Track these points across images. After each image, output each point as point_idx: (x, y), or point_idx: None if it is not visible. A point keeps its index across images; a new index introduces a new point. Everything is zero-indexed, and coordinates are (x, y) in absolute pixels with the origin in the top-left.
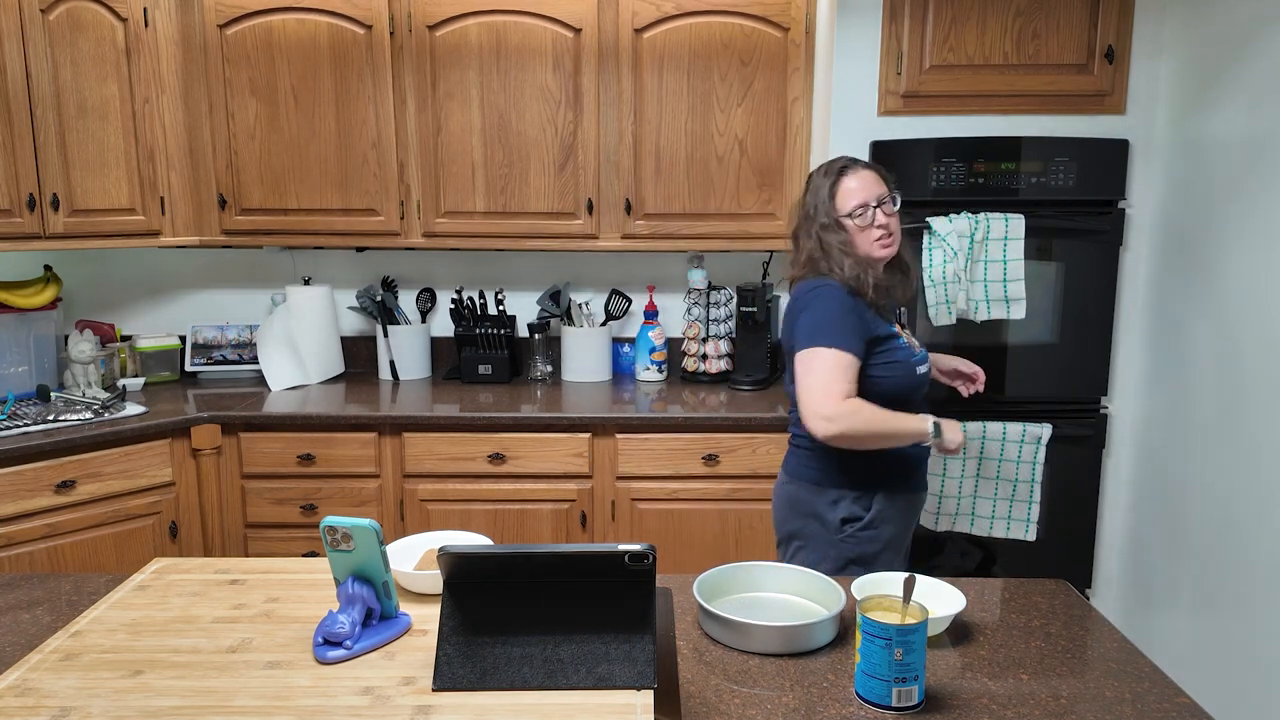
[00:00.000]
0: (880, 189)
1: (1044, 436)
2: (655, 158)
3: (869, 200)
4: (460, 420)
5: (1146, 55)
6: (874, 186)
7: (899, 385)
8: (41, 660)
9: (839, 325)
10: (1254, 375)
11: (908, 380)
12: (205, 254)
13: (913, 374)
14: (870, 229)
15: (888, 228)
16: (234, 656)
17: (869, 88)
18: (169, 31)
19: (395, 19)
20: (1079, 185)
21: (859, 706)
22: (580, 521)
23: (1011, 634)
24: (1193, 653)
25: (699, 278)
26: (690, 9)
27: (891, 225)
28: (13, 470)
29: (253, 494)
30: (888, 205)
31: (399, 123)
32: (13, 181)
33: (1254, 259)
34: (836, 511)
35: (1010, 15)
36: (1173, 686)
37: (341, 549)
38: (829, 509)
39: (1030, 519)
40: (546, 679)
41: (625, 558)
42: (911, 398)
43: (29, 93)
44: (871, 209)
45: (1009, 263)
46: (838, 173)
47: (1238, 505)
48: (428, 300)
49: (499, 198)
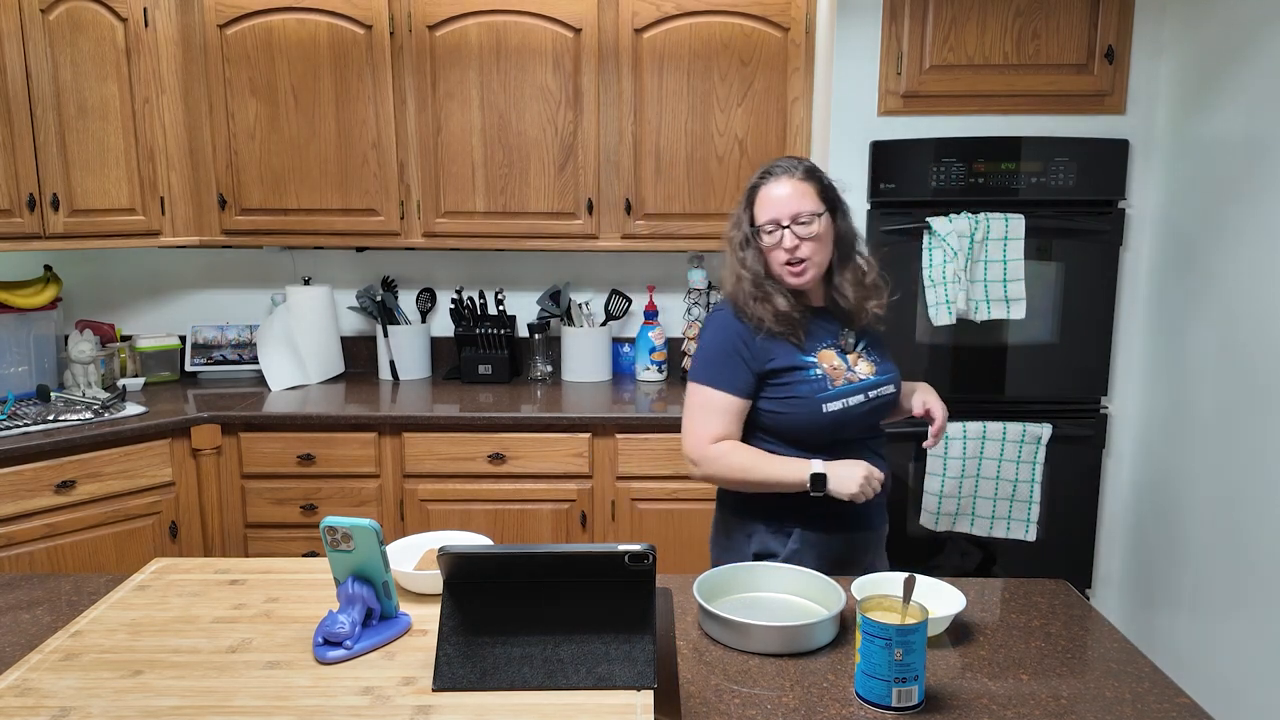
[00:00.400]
0: (802, 205)
1: (1044, 436)
2: (655, 158)
3: (780, 217)
4: (460, 420)
5: (1146, 55)
6: (794, 202)
7: (794, 423)
8: (41, 660)
9: (717, 361)
10: (1254, 375)
11: (809, 419)
12: (205, 254)
13: (817, 412)
14: (777, 250)
15: (795, 251)
16: (234, 656)
17: (869, 88)
18: (169, 31)
19: (395, 19)
20: (1079, 185)
21: (859, 706)
22: (580, 521)
23: (1011, 634)
24: (1193, 653)
25: (699, 278)
26: (690, 9)
27: (804, 250)
28: (13, 470)
29: (253, 494)
30: (805, 226)
31: (399, 123)
32: (13, 181)
33: (1254, 259)
34: (750, 546)
35: (1010, 15)
36: (1173, 686)
37: (341, 549)
38: (745, 542)
39: (1030, 519)
40: (546, 679)
41: (625, 558)
42: (814, 438)
43: (29, 93)
44: (781, 228)
45: (1009, 263)
46: (760, 176)
47: (1238, 505)
48: (428, 300)
49: (499, 198)
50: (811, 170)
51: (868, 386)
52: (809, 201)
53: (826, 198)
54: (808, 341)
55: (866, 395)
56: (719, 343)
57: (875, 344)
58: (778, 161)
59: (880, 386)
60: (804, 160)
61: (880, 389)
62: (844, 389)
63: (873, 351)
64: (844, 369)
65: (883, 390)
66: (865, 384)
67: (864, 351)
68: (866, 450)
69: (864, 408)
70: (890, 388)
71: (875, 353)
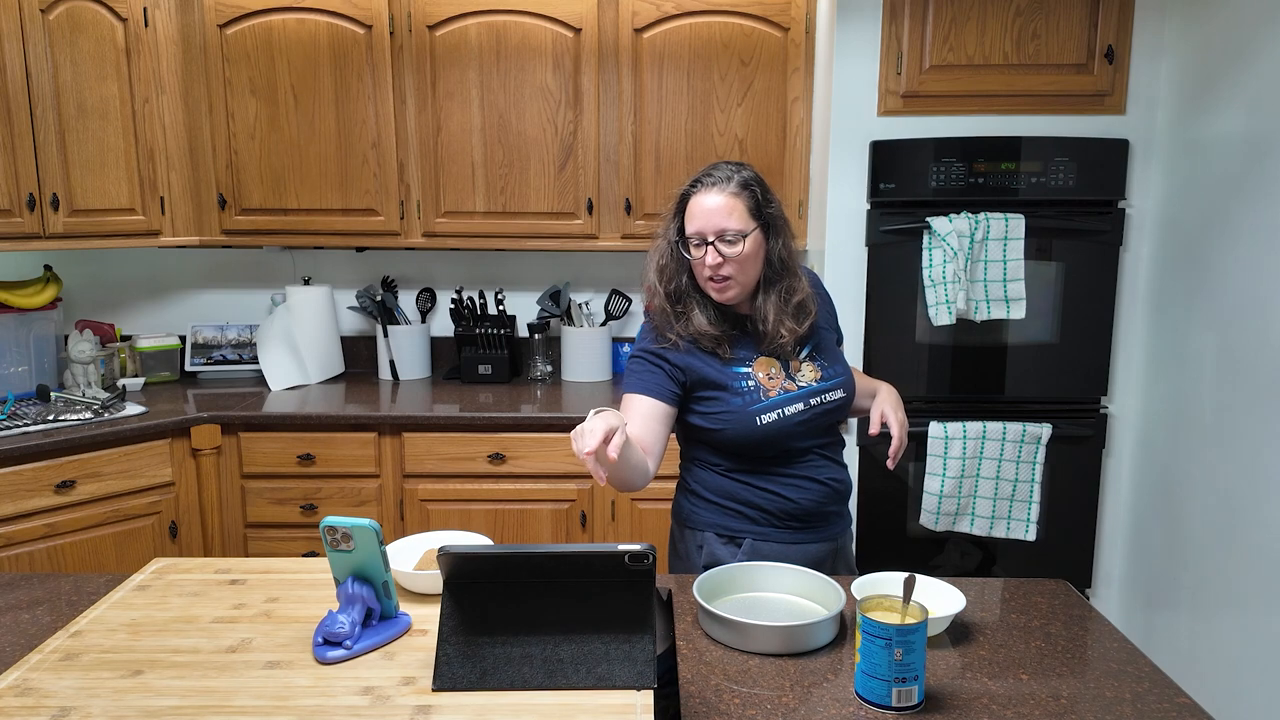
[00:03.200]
0: (728, 222)
1: (1044, 436)
2: (655, 157)
3: (705, 231)
4: (460, 420)
5: (1146, 55)
6: (720, 217)
7: (731, 438)
8: (41, 660)
9: (633, 371)
10: (1253, 375)
11: (745, 432)
12: (205, 254)
13: (751, 425)
14: (700, 265)
15: (718, 269)
16: (234, 656)
17: (869, 88)
18: (169, 31)
19: (395, 19)
20: (1079, 185)
21: (859, 706)
22: (580, 521)
23: (1011, 634)
24: (1193, 653)
25: None
26: (690, 9)
27: (727, 268)
28: (12, 470)
29: (253, 494)
30: (731, 246)
31: (399, 123)
32: (13, 181)
33: (1254, 259)
34: (700, 557)
35: (1010, 15)
36: (1173, 686)
37: (341, 549)
38: (695, 553)
39: (1030, 519)
40: (546, 679)
41: (625, 558)
42: (755, 451)
43: (29, 92)
44: (706, 244)
45: (1009, 262)
46: (693, 183)
47: (1237, 505)
48: (428, 300)
49: (499, 198)
50: (747, 182)
51: (809, 394)
52: (736, 219)
53: (759, 214)
54: (740, 350)
55: (807, 404)
56: (637, 358)
57: (822, 348)
58: (715, 167)
59: (825, 393)
60: (745, 169)
61: (825, 395)
62: (779, 399)
63: (819, 356)
64: (782, 377)
65: (828, 397)
66: (806, 391)
67: (809, 357)
68: (819, 458)
69: (803, 415)
70: (838, 393)
71: (822, 357)
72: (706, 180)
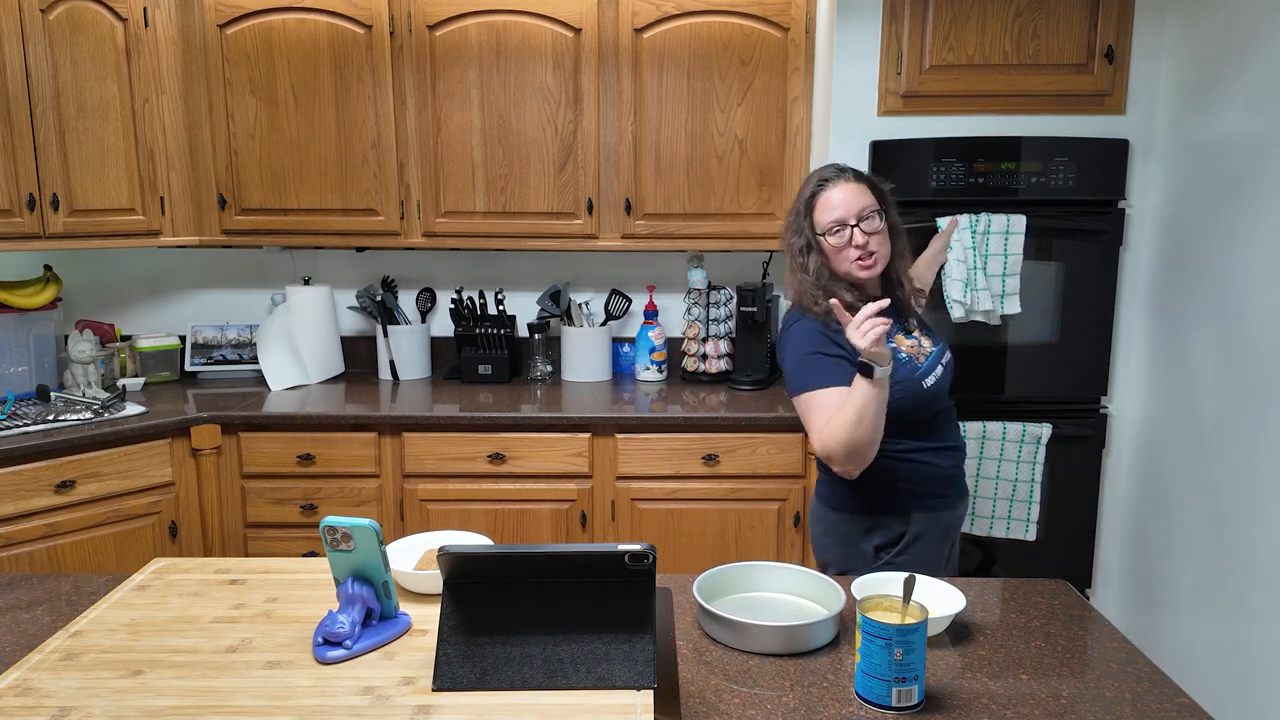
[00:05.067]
0: (863, 202)
1: (1044, 436)
2: (655, 157)
3: (847, 217)
4: (460, 420)
5: (1146, 55)
6: (856, 200)
7: (899, 407)
8: (41, 660)
9: (806, 367)
10: (1254, 375)
11: (913, 398)
12: (205, 254)
13: (919, 389)
14: (847, 249)
15: (866, 247)
16: (234, 656)
17: (869, 88)
18: (169, 31)
19: (395, 19)
20: (1079, 185)
21: (859, 706)
22: (580, 521)
23: (1011, 634)
24: (1193, 653)
25: (699, 278)
26: (690, 9)
27: (873, 244)
28: (12, 470)
29: (253, 494)
30: (869, 222)
31: (399, 123)
32: (12, 181)
33: (1254, 259)
34: (870, 540)
35: (1010, 15)
36: (1173, 686)
37: (341, 549)
38: (862, 537)
39: (1030, 519)
40: (546, 679)
41: (625, 558)
42: (918, 414)
43: (29, 92)
44: (850, 227)
45: (1009, 257)
46: (817, 184)
47: (1238, 505)
48: (428, 300)
49: (499, 198)
50: (859, 173)
51: (939, 356)
52: (867, 198)
53: (878, 195)
54: None
55: (943, 365)
56: (804, 351)
57: (923, 323)
58: (825, 169)
59: (946, 356)
60: (846, 165)
61: (946, 357)
62: (930, 364)
63: (925, 329)
64: (916, 346)
65: (947, 358)
66: (937, 353)
67: (921, 330)
68: (950, 423)
69: (947, 378)
70: (949, 355)
71: (927, 330)
72: (830, 176)
